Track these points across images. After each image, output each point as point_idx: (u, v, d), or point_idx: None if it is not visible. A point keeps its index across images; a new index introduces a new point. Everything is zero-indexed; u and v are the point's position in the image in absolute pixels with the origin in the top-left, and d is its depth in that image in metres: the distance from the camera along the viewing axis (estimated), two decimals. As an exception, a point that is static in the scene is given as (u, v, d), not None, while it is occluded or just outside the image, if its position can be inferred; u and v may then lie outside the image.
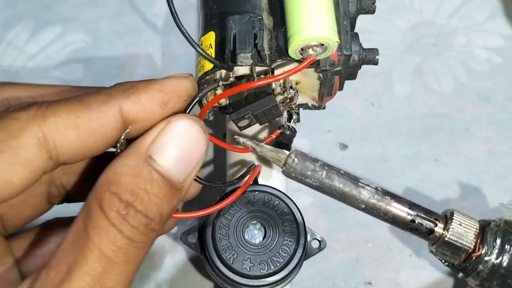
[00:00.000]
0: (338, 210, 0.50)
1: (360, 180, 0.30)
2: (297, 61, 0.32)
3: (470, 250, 0.30)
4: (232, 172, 0.43)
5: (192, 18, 0.58)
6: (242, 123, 0.34)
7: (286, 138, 0.37)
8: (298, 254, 0.37)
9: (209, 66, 0.32)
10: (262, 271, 0.36)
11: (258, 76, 0.32)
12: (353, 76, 0.36)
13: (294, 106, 0.36)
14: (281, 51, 0.32)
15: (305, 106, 0.38)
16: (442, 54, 0.58)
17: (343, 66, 0.33)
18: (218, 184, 0.34)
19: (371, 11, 0.35)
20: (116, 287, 0.24)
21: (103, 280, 0.23)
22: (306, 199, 0.50)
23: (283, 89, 0.35)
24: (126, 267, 0.24)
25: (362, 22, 0.37)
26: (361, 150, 0.53)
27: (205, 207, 0.31)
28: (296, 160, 0.30)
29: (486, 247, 0.30)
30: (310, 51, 0.30)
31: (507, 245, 0.30)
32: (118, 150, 0.27)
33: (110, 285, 0.24)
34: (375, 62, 0.35)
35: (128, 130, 0.27)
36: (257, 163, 0.38)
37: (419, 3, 0.61)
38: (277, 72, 0.33)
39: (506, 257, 0.30)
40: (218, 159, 0.51)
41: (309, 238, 0.39)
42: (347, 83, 0.37)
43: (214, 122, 0.54)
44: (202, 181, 0.32)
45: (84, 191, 0.26)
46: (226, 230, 0.37)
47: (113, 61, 0.58)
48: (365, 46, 0.35)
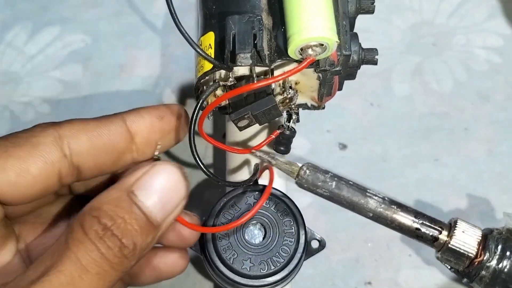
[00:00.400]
0: (337, 210, 0.49)
1: (368, 190, 0.32)
2: (296, 61, 0.32)
3: (473, 256, 0.31)
4: (231, 172, 0.43)
5: (191, 18, 0.58)
6: (242, 123, 0.34)
7: (285, 138, 0.37)
8: (298, 254, 0.37)
9: (208, 66, 0.32)
10: (262, 271, 0.36)
11: (257, 76, 0.32)
12: (352, 76, 0.36)
13: (293, 106, 0.36)
14: (280, 51, 0.32)
15: (304, 106, 0.38)
16: (441, 54, 0.58)
17: (343, 66, 0.33)
18: (236, 183, 0.35)
19: (370, 11, 0.35)
20: None
21: (75, 284, 0.26)
22: (305, 199, 0.50)
23: (283, 89, 0.35)
24: (98, 280, 0.26)
25: (362, 22, 0.37)
26: (360, 150, 0.53)
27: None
28: (308, 171, 0.32)
29: (488, 253, 0.31)
30: (310, 51, 0.30)
31: (508, 251, 0.31)
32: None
33: None
34: (375, 62, 0.35)
35: (159, 146, 0.32)
36: (257, 163, 0.38)
37: (418, 3, 0.61)
38: (276, 72, 0.33)
39: (507, 262, 0.31)
40: (217, 160, 0.51)
41: (308, 238, 0.39)
42: (347, 83, 0.37)
43: (214, 123, 0.54)
44: (221, 180, 0.34)
45: None
46: (226, 230, 0.37)
47: (112, 61, 0.58)
48: (364, 46, 0.35)
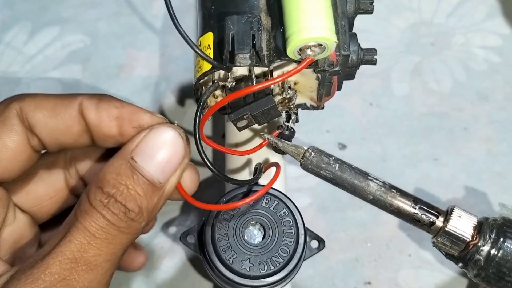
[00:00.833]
0: (337, 210, 0.50)
1: (369, 174, 0.33)
2: (295, 61, 0.32)
3: (468, 239, 0.32)
4: (231, 172, 0.43)
5: (190, 18, 0.58)
6: (241, 124, 0.34)
7: (285, 138, 0.37)
8: (298, 254, 0.37)
9: (207, 66, 0.32)
10: (261, 272, 0.36)
11: (256, 76, 0.32)
12: (351, 76, 0.36)
13: (292, 106, 0.36)
14: (279, 52, 0.32)
15: (303, 106, 0.38)
16: (440, 53, 0.58)
17: (342, 66, 0.33)
18: (243, 181, 0.35)
19: (369, 11, 0.35)
20: (96, 259, 0.28)
21: (85, 249, 0.28)
22: (305, 199, 0.50)
23: (282, 89, 0.35)
24: (108, 245, 0.28)
25: (361, 22, 0.37)
26: (360, 150, 0.53)
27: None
28: (313, 153, 0.33)
29: (483, 238, 0.32)
30: (309, 52, 0.30)
31: (502, 236, 0.32)
32: None
33: (91, 254, 0.28)
34: (374, 62, 0.35)
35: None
36: (259, 162, 0.38)
37: (417, 3, 0.61)
38: (276, 72, 0.33)
39: (501, 246, 0.32)
40: (217, 160, 0.51)
41: (308, 238, 0.39)
42: (346, 83, 0.37)
43: (214, 123, 0.54)
44: (230, 178, 0.34)
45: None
46: (226, 231, 0.37)
47: (111, 61, 0.58)
48: (363, 46, 0.35)
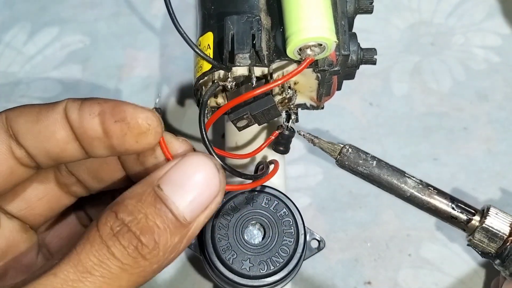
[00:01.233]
0: (336, 210, 0.50)
1: (405, 172, 0.34)
2: (295, 61, 0.32)
3: (506, 236, 0.33)
4: (230, 176, 0.43)
5: (190, 18, 0.58)
6: (241, 124, 0.34)
7: (284, 138, 0.37)
8: (298, 254, 0.37)
9: (207, 66, 0.32)
10: (261, 271, 0.36)
11: (256, 76, 0.32)
12: (351, 76, 0.36)
13: (292, 106, 0.36)
14: (279, 51, 0.32)
15: (303, 106, 0.38)
16: (440, 53, 0.58)
17: (341, 66, 0.33)
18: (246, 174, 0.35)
19: (369, 11, 0.35)
20: None
21: (74, 286, 0.23)
22: (305, 199, 0.50)
23: (282, 89, 0.35)
24: (103, 285, 0.24)
25: (360, 22, 0.37)
26: (359, 150, 0.53)
27: None
28: (350, 150, 0.34)
29: None
30: (308, 51, 0.30)
31: None
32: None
33: None
34: (373, 62, 0.35)
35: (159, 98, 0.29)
36: (261, 160, 0.38)
37: (417, 3, 0.61)
38: (275, 73, 0.33)
39: None
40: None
41: (308, 238, 0.39)
42: (346, 83, 0.37)
43: (213, 123, 0.53)
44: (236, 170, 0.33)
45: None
46: (226, 231, 0.37)
47: (111, 62, 0.58)
48: (363, 45, 0.35)
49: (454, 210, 0.34)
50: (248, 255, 0.37)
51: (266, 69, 0.32)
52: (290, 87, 0.35)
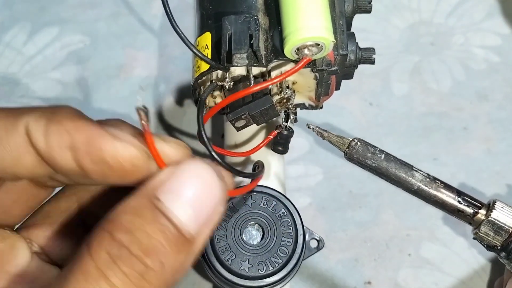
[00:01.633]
0: (336, 210, 0.49)
1: (413, 166, 0.34)
2: (293, 61, 0.32)
3: (511, 229, 0.33)
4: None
5: (189, 18, 0.58)
6: (239, 124, 0.34)
7: (283, 138, 0.37)
8: (297, 255, 0.37)
9: (205, 67, 0.32)
10: (260, 272, 0.36)
11: (254, 76, 0.32)
12: (350, 75, 0.36)
13: (291, 106, 0.36)
14: (277, 51, 0.32)
15: (302, 106, 0.38)
16: (440, 53, 0.58)
17: (340, 66, 0.33)
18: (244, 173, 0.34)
19: (368, 11, 0.35)
20: None
21: None
22: (304, 199, 0.50)
23: (280, 89, 0.34)
24: None
25: (360, 22, 0.37)
26: (359, 150, 0.53)
27: None
28: (359, 143, 0.34)
29: None
30: (306, 51, 0.30)
31: None
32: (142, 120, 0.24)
33: None
34: (372, 62, 0.35)
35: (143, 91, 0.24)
36: (259, 160, 0.38)
37: (417, 3, 0.61)
38: (273, 72, 0.33)
39: None
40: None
41: (307, 238, 0.39)
42: (346, 83, 0.37)
43: (213, 123, 0.54)
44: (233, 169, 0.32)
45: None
46: (224, 231, 0.37)
47: (111, 62, 0.58)
48: (363, 45, 0.35)
49: (460, 204, 0.34)
50: (247, 256, 0.37)
51: (264, 69, 0.32)
52: (288, 87, 0.35)
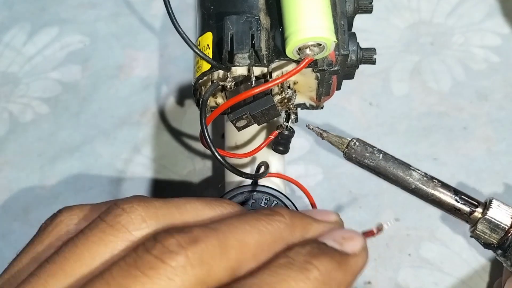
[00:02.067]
0: (336, 210, 0.49)
1: (411, 165, 0.35)
2: (294, 61, 0.32)
3: (507, 227, 0.33)
4: (230, 176, 0.43)
5: (189, 18, 0.58)
6: (240, 124, 0.34)
7: (284, 138, 0.37)
8: (297, 254, 0.37)
9: (206, 66, 0.32)
10: (261, 272, 0.36)
11: (256, 76, 0.32)
12: (351, 75, 0.36)
13: (292, 106, 0.36)
14: (278, 51, 0.32)
15: (303, 106, 0.38)
16: (440, 53, 0.58)
17: (341, 66, 0.33)
18: (247, 174, 0.35)
19: (369, 11, 0.35)
20: None
21: None
22: (305, 199, 0.50)
23: (281, 89, 0.35)
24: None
25: (360, 22, 0.37)
26: (359, 150, 0.53)
27: None
28: (357, 143, 0.35)
29: None
30: (308, 51, 0.30)
31: None
32: None
33: None
34: (373, 62, 0.35)
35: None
36: (264, 161, 0.38)
37: (417, 3, 0.61)
38: (275, 72, 0.33)
39: None
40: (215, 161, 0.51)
41: (308, 238, 0.39)
42: (346, 83, 0.37)
43: (213, 123, 0.54)
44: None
45: None
46: None
47: (111, 62, 0.58)
48: (362, 45, 0.35)
49: (457, 202, 0.34)
50: (247, 255, 0.37)
51: (265, 69, 0.32)
52: (289, 87, 0.35)
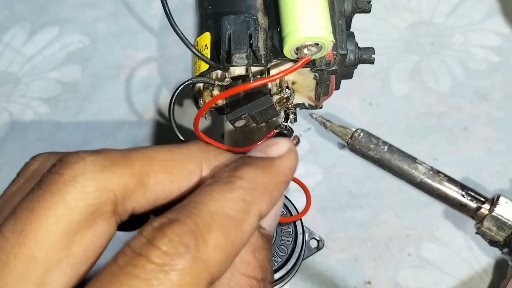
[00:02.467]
0: (336, 210, 0.49)
1: (416, 158, 0.34)
2: (292, 61, 0.32)
3: None
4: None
5: (189, 19, 0.58)
6: (239, 124, 0.34)
7: (283, 138, 0.37)
8: (296, 254, 0.37)
9: (204, 66, 0.32)
10: (260, 272, 0.36)
11: (254, 76, 0.32)
12: (349, 75, 0.36)
13: (290, 106, 0.36)
14: (276, 51, 0.32)
15: (302, 106, 0.38)
16: (439, 53, 0.58)
17: (339, 66, 0.33)
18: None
19: (367, 10, 0.35)
20: None
21: None
22: (304, 199, 0.50)
23: (279, 89, 0.34)
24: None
25: (360, 22, 0.37)
26: (359, 150, 0.53)
27: None
28: (362, 134, 0.34)
29: None
30: (305, 51, 0.30)
31: None
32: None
33: None
34: (371, 61, 0.35)
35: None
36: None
37: (416, 2, 0.61)
38: (273, 72, 0.33)
39: None
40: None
41: (307, 237, 0.39)
42: (346, 83, 0.37)
43: (213, 123, 0.54)
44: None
45: None
46: None
47: (110, 62, 0.58)
48: (362, 45, 0.35)
49: (464, 198, 0.33)
50: (246, 255, 0.37)
51: (263, 69, 0.32)
52: (288, 87, 0.35)
